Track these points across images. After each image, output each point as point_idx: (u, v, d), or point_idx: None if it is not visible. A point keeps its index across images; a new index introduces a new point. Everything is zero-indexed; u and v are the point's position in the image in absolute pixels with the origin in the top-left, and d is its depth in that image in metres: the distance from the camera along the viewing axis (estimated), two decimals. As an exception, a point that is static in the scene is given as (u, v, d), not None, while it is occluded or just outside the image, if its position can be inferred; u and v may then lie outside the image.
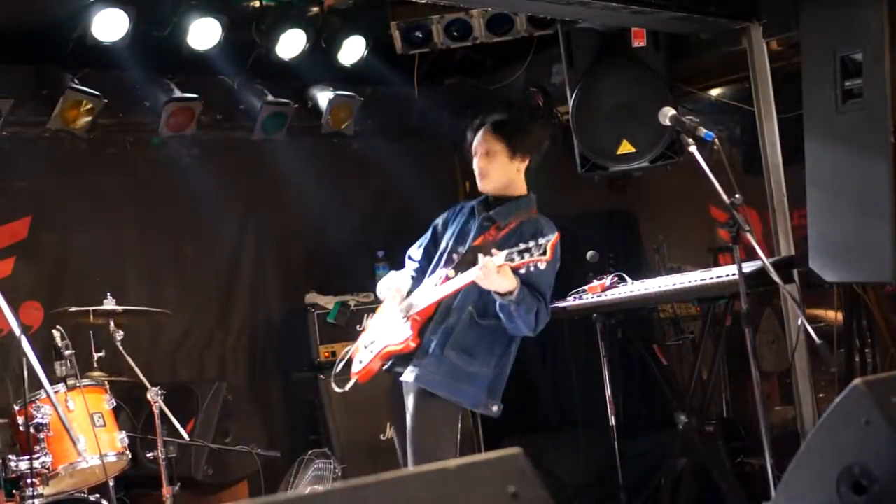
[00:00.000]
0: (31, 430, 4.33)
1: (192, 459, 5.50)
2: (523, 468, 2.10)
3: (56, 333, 4.60)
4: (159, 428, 4.78)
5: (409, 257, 4.64)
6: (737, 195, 4.02)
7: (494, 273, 3.89)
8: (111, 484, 4.60)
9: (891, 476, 2.31)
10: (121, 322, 4.93)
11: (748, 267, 4.39)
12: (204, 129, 6.17)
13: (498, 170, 4.35)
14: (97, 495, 4.58)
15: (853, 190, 4.72)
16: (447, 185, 7.14)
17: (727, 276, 4.79)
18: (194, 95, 5.91)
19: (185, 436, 4.91)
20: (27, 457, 4.27)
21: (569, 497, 5.70)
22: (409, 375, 4.21)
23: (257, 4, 5.87)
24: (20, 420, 4.43)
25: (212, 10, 5.49)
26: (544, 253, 3.74)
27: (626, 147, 5.70)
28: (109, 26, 5.26)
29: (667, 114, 4.30)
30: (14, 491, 4.30)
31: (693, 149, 4.14)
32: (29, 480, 4.24)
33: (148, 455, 4.98)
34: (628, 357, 6.01)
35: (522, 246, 3.80)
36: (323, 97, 6.41)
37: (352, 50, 6.13)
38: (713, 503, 5.18)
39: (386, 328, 4.36)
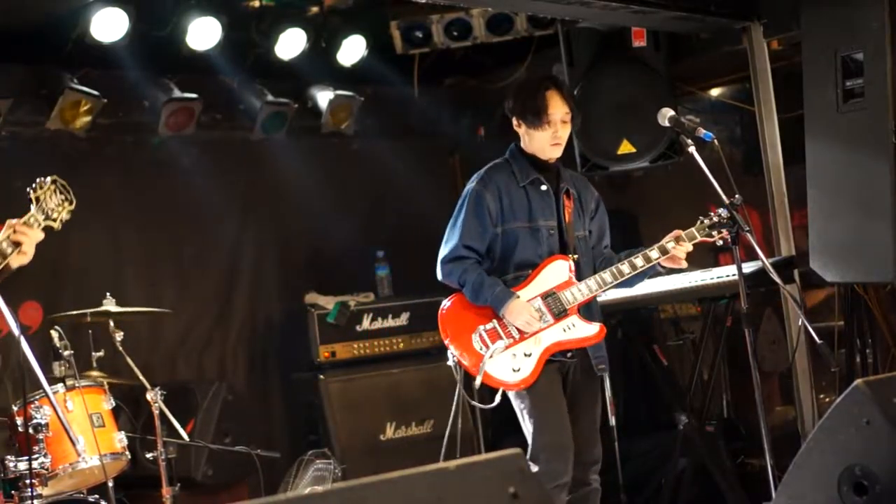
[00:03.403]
0: (30, 430, 4.31)
1: (192, 460, 5.49)
2: (523, 468, 2.10)
3: (55, 334, 4.58)
4: (159, 428, 4.76)
5: (470, 247, 4.27)
6: (737, 195, 4.02)
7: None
8: (110, 484, 4.58)
9: (892, 476, 2.31)
10: (120, 322, 4.92)
11: (748, 267, 4.39)
12: (204, 129, 6.16)
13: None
14: (96, 496, 4.56)
15: (854, 190, 4.71)
16: (447, 184, 7.12)
17: (727, 276, 4.78)
18: (194, 95, 5.90)
19: (185, 436, 4.89)
20: (26, 457, 4.25)
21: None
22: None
23: (257, 4, 5.88)
24: (19, 421, 4.41)
25: (212, 10, 5.50)
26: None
27: (626, 147, 5.69)
28: (109, 26, 5.26)
29: (666, 115, 4.29)
30: (13, 492, 4.28)
31: (692, 150, 4.13)
32: (28, 481, 4.22)
33: (147, 455, 4.97)
34: (628, 357, 6.00)
35: (707, 223, 4.15)
36: (323, 97, 6.41)
37: (352, 50, 6.12)
38: (713, 503, 5.17)
39: (533, 329, 4.20)
